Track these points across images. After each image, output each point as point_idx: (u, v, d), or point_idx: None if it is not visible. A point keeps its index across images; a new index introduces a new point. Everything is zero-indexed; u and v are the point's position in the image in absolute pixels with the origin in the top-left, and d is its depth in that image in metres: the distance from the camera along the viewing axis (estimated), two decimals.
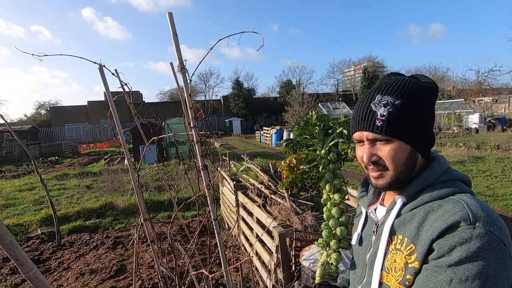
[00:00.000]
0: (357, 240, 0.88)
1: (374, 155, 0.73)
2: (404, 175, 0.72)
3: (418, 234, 0.66)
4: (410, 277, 0.65)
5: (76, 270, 3.80)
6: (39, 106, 38.64)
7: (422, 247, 0.63)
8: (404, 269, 0.67)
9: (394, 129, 0.70)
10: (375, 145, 0.73)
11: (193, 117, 1.18)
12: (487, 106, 22.01)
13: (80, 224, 5.50)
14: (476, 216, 0.60)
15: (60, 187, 8.59)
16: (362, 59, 43.87)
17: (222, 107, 38.06)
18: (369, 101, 0.73)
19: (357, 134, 0.76)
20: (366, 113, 0.73)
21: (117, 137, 1.48)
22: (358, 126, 0.75)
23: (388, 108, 0.70)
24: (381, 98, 0.71)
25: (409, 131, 0.70)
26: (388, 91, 0.72)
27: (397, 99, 0.70)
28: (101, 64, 1.16)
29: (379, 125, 0.70)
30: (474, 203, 0.63)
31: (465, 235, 0.58)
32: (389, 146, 0.71)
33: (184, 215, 5.80)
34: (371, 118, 0.72)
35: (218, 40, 1.22)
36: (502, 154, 9.92)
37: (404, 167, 0.72)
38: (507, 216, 5.02)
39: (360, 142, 0.77)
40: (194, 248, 1.51)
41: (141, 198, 1.45)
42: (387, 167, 0.72)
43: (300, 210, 2.64)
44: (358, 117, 0.75)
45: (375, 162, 0.73)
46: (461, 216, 0.60)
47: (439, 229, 0.61)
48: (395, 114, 0.69)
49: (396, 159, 0.71)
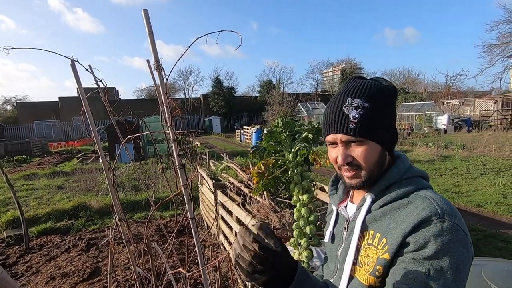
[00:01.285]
0: (329, 237, 0.91)
1: (349, 156, 0.75)
2: (375, 173, 0.76)
3: (390, 229, 0.70)
4: (380, 267, 0.70)
5: (46, 274, 3.62)
6: (5, 101, 36.33)
7: (395, 240, 0.68)
8: (376, 262, 0.71)
9: (366, 130, 0.73)
10: (349, 146, 0.76)
11: (169, 115, 1.17)
12: (455, 108, 23.35)
13: (51, 226, 5.24)
14: (443, 210, 0.66)
15: (28, 187, 8.13)
16: (340, 61, 44.98)
17: (202, 106, 37.58)
18: (341, 104, 0.76)
19: (331, 137, 0.78)
20: (338, 116, 0.75)
21: (90, 135, 1.44)
22: (332, 129, 0.77)
23: (359, 110, 0.73)
24: (352, 101, 0.74)
25: (379, 131, 0.75)
26: (357, 94, 0.75)
27: (366, 102, 0.74)
28: (73, 59, 1.13)
29: (352, 127, 0.73)
30: (438, 198, 0.69)
31: (437, 228, 0.64)
32: (362, 147, 0.74)
33: (162, 215, 5.70)
34: (344, 120, 0.74)
35: (196, 38, 1.22)
36: (467, 154, 10.58)
37: (376, 165, 0.76)
38: (470, 211, 5.38)
39: (332, 144, 0.79)
40: (172, 248, 1.50)
41: (116, 197, 1.41)
42: (361, 167, 0.75)
43: (279, 208, 2.68)
44: (331, 120, 0.77)
45: (349, 162, 0.76)
46: (431, 211, 0.66)
47: (411, 224, 0.66)
48: (366, 116, 0.73)
49: (369, 159, 0.74)
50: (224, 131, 32.07)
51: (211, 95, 36.68)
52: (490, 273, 1.63)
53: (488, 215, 5.16)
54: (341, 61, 44.60)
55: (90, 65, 1.44)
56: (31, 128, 30.65)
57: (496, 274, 1.64)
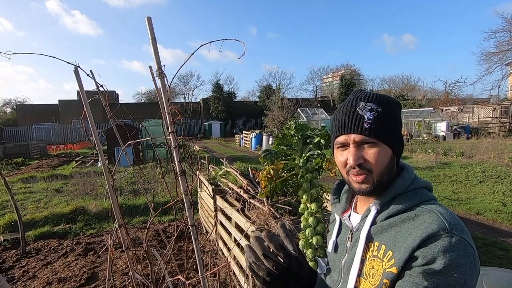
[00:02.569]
0: (332, 247, 0.90)
1: (361, 157, 0.74)
2: (385, 179, 0.75)
3: (396, 242, 0.70)
4: (387, 281, 0.69)
5: (43, 279, 3.58)
6: (4, 103, 36.33)
7: (402, 254, 0.67)
8: (382, 275, 0.70)
9: (380, 132, 0.73)
10: (361, 148, 0.75)
11: (171, 122, 1.17)
12: (454, 115, 23.46)
13: (48, 230, 5.20)
14: (451, 224, 0.66)
15: (26, 190, 8.09)
16: (340, 67, 45.43)
17: (201, 110, 37.64)
18: (355, 106, 0.76)
19: (343, 137, 0.77)
20: (352, 116, 0.75)
21: (90, 139, 1.43)
22: (344, 129, 0.76)
23: (373, 113, 0.74)
24: (365, 104, 0.75)
25: (391, 135, 0.75)
26: (369, 99, 0.77)
27: (379, 106, 0.75)
28: (76, 66, 1.13)
29: (367, 127, 0.73)
30: (445, 212, 0.69)
31: (445, 243, 0.64)
32: (375, 148, 0.74)
33: (161, 220, 5.66)
34: (358, 121, 0.74)
35: (200, 45, 1.22)
36: (466, 161, 10.59)
37: (386, 170, 0.75)
38: (469, 219, 5.36)
39: (343, 146, 0.78)
40: (170, 254, 1.48)
41: (116, 202, 1.40)
42: (372, 169, 0.74)
43: (278, 214, 2.67)
44: (344, 120, 0.77)
45: (360, 165, 0.74)
46: (439, 225, 0.65)
47: (419, 238, 0.66)
48: (380, 119, 0.74)
49: (380, 162, 0.74)
50: (224, 135, 32.08)
51: (211, 100, 36.77)
52: (492, 283, 1.62)
53: (488, 223, 5.15)
54: (341, 67, 45.03)
55: (91, 70, 1.44)
56: (30, 131, 30.57)
57: (497, 283, 1.63)
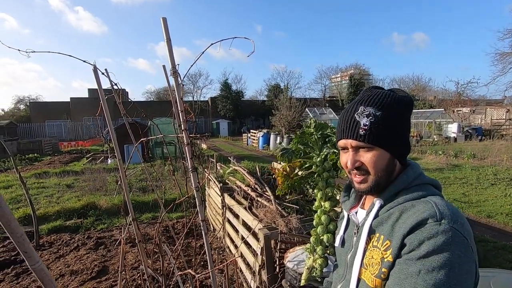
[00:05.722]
0: (340, 242, 0.94)
1: (357, 161, 0.79)
2: (384, 180, 0.79)
3: (393, 231, 0.73)
4: (385, 270, 0.71)
5: (56, 271, 3.69)
6: (18, 100, 37.23)
7: (396, 243, 0.70)
8: (380, 263, 0.73)
9: (376, 137, 0.76)
10: (359, 152, 0.79)
11: (184, 120, 1.21)
12: (465, 117, 22.99)
13: (60, 224, 5.34)
14: (443, 214, 0.67)
15: (39, 185, 8.30)
16: (349, 67, 44.91)
17: (209, 109, 37.83)
18: (353, 112, 0.80)
19: (342, 142, 0.83)
20: (350, 122, 0.80)
21: (104, 136, 1.49)
22: (343, 134, 0.82)
23: (370, 118, 0.77)
24: (364, 109, 0.78)
25: (389, 139, 0.78)
26: (370, 103, 0.79)
27: (378, 111, 0.77)
28: (95, 65, 1.18)
29: (362, 134, 0.77)
30: (442, 203, 0.70)
31: (432, 230, 0.65)
32: (371, 153, 0.78)
33: (169, 217, 5.75)
34: (354, 127, 0.78)
35: (210, 44, 1.26)
36: (477, 163, 10.39)
37: (384, 172, 0.78)
38: (480, 222, 5.27)
39: (344, 149, 0.84)
40: (180, 250, 1.53)
41: (128, 197, 1.46)
42: (369, 172, 0.79)
43: (285, 213, 2.70)
44: (343, 126, 0.82)
45: (358, 167, 0.80)
46: (429, 214, 0.67)
47: (410, 225, 0.68)
48: (377, 124, 0.76)
49: (377, 165, 0.78)
50: (231, 134, 32.20)
51: (219, 98, 36.91)
52: (500, 285, 1.61)
53: (499, 226, 5.06)
54: (350, 67, 44.52)
55: (106, 69, 1.50)
56: (43, 128, 31.31)
57: (505, 286, 1.62)
